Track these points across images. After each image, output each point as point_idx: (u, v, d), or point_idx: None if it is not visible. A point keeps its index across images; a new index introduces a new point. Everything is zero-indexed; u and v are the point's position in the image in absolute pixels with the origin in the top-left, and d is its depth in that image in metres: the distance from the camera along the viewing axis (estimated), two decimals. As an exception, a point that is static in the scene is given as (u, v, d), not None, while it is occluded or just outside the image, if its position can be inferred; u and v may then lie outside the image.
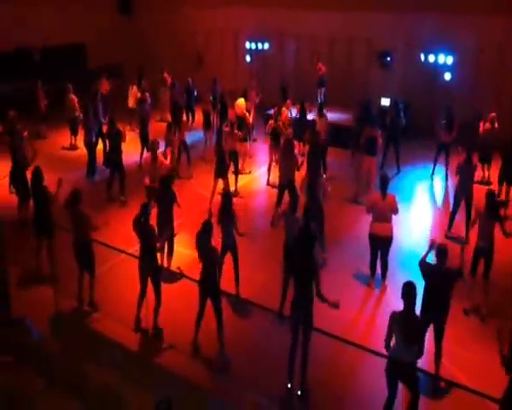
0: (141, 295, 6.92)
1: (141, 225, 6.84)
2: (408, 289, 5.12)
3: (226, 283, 7.35)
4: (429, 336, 6.02)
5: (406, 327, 5.08)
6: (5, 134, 10.50)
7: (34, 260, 8.08)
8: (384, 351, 5.29)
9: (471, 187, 9.30)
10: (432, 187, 12.18)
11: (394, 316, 5.22)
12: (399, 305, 5.18)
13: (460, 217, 9.50)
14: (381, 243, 7.80)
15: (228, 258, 7.58)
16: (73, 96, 13.90)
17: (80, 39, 19.17)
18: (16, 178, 9.92)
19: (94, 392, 4.73)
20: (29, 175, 9.37)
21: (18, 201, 9.75)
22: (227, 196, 7.78)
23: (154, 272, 6.91)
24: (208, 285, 6.46)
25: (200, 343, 6.58)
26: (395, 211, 7.72)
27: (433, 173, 12.39)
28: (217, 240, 7.12)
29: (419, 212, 10.93)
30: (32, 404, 3.99)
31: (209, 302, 6.51)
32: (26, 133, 10.62)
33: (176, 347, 6.61)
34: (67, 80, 14.35)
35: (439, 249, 6.02)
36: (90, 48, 19.74)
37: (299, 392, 5.95)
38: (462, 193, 9.29)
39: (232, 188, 10.82)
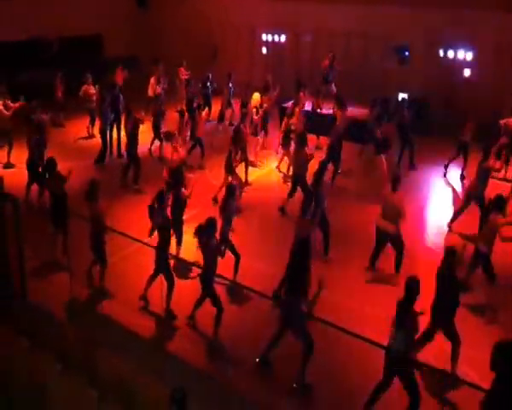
0: (152, 276, 7.08)
1: (156, 212, 6.88)
2: (408, 282, 5.31)
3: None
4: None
5: (399, 317, 5.25)
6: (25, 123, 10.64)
7: (50, 248, 8.17)
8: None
9: (484, 187, 9.14)
10: (446, 185, 12.03)
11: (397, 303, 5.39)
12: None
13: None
14: (386, 238, 7.82)
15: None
16: (90, 87, 13.98)
17: (97, 30, 19.25)
18: (32, 166, 10.03)
19: (108, 379, 4.75)
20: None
21: (27, 182, 9.87)
22: (230, 189, 7.80)
23: (166, 260, 7.00)
24: (205, 281, 6.58)
25: (208, 338, 6.65)
26: (401, 213, 7.66)
27: (445, 171, 12.23)
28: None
29: (433, 210, 10.79)
30: (49, 388, 4.02)
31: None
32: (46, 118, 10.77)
33: (189, 338, 6.63)
34: (84, 70, 14.44)
35: (448, 252, 6.02)
36: (106, 38, 19.82)
37: (294, 385, 5.98)
38: (474, 192, 9.16)
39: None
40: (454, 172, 12.31)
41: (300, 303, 5.79)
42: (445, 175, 12.31)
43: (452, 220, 9.57)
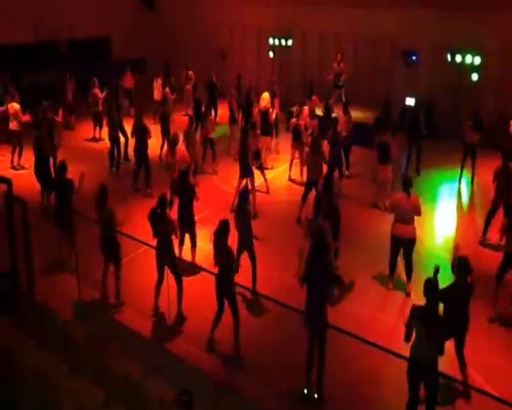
0: (158, 285, 7.04)
1: (157, 217, 6.89)
2: (429, 285, 5.14)
3: (247, 280, 7.35)
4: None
5: (426, 323, 5.04)
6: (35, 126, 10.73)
7: (57, 250, 8.22)
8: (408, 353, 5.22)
9: (509, 192, 8.91)
10: (458, 190, 11.91)
11: (414, 311, 5.19)
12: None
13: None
14: (404, 245, 7.65)
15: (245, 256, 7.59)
16: (97, 91, 14.07)
17: (105, 33, 19.39)
18: (40, 168, 10.07)
19: (115, 380, 4.76)
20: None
21: (41, 190, 9.90)
22: (243, 194, 7.77)
23: (172, 264, 6.97)
24: (222, 285, 6.46)
25: (216, 340, 6.59)
26: (418, 212, 7.58)
27: (460, 177, 12.06)
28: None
29: (444, 215, 10.70)
30: (58, 387, 4.04)
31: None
32: (59, 118, 10.80)
33: (195, 341, 6.64)
34: (92, 73, 14.55)
35: (461, 262, 5.84)
36: (114, 41, 19.95)
37: (315, 395, 5.88)
38: (501, 199, 8.98)
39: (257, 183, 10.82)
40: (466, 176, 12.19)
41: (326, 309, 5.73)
42: (460, 179, 12.12)
43: (485, 232, 9.25)
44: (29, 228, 6.41)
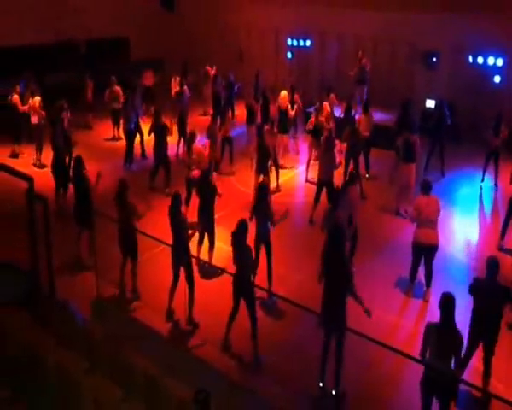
0: (173, 286, 7.04)
1: (172, 216, 6.90)
2: (445, 301, 4.96)
3: (263, 280, 7.33)
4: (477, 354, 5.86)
5: (441, 340, 4.89)
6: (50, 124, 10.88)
7: (75, 248, 8.31)
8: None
9: None
10: (480, 194, 11.70)
11: (430, 327, 5.05)
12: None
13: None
14: (427, 251, 7.51)
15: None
16: (118, 88, 14.19)
17: (124, 33, 19.56)
18: (56, 166, 10.19)
19: (133, 378, 4.79)
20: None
21: (55, 190, 10.00)
22: (262, 187, 7.74)
23: (186, 263, 6.97)
24: (242, 285, 6.42)
25: (231, 340, 6.58)
26: (438, 214, 7.46)
27: (482, 180, 11.85)
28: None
29: (465, 220, 10.50)
30: (77, 384, 4.07)
31: (243, 301, 6.49)
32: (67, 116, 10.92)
33: (213, 341, 6.65)
34: (111, 73, 14.69)
35: (489, 262, 5.73)
36: (132, 41, 20.11)
37: (333, 392, 5.86)
38: None
39: (273, 184, 10.79)
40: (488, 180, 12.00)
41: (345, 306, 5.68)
42: (482, 183, 11.90)
43: (502, 236, 9.08)
44: (50, 226, 6.48)
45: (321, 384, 5.94)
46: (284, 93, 12.91)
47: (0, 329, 4.64)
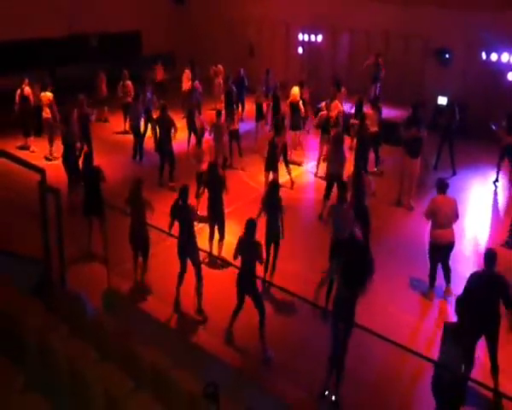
0: (179, 278, 7.09)
1: (179, 208, 6.92)
2: (461, 303, 5.03)
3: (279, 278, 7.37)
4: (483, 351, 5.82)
5: (458, 341, 4.87)
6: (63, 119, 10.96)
7: (86, 240, 8.38)
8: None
9: None
10: (494, 192, 11.60)
11: (447, 327, 5.06)
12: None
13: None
14: (444, 251, 7.47)
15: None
16: (129, 82, 14.25)
17: (136, 27, 19.61)
18: (68, 159, 10.26)
19: (143, 370, 4.83)
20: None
21: (68, 184, 10.07)
22: (274, 185, 7.77)
23: (194, 256, 6.99)
24: (245, 282, 6.44)
25: (239, 335, 6.63)
26: (456, 216, 7.38)
27: (496, 180, 11.73)
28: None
29: (477, 217, 10.42)
30: (88, 374, 4.12)
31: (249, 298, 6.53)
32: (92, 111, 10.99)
33: (220, 334, 6.69)
34: (122, 67, 14.75)
35: (487, 254, 5.76)
36: (144, 36, 20.16)
37: (333, 397, 5.81)
38: None
39: (282, 179, 10.78)
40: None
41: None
42: (496, 181, 11.79)
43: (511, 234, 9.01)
44: (62, 217, 6.54)
45: (326, 393, 5.87)
46: (296, 89, 12.88)
47: (14, 317, 4.70)
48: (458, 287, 5.50)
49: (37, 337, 4.48)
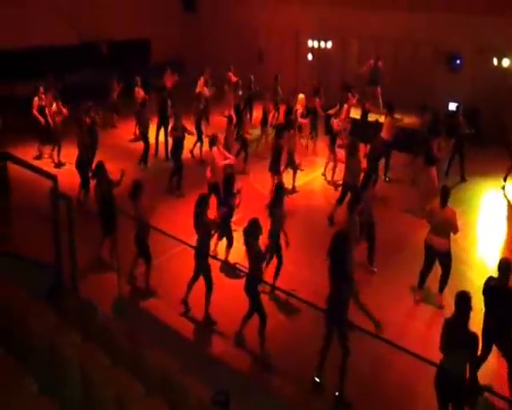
0: (192, 280, 7.14)
1: (196, 216, 6.97)
2: (460, 298, 4.98)
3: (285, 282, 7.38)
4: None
5: (453, 337, 4.90)
6: (75, 124, 11.06)
7: (97, 245, 8.43)
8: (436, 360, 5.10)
9: None
10: (504, 199, 11.49)
11: (446, 322, 5.10)
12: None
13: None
14: (437, 256, 7.44)
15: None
16: (139, 89, 14.37)
17: (146, 35, 19.79)
18: (81, 164, 10.36)
19: (153, 375, 4.85)
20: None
21: (80, 186, 10.15)
22: (279, 187, 7.80)
23: (206, 269, 7.07)
24: (249, 283, 6.50)
25: (246, 340, 6.65)
26: (454, 228, 7.26)
27: (505, 180, 11.65)
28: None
29: (485, 225, 10.35)
30: (99, 379, 4.15)
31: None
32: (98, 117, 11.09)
33: (229, 339, 6.69)
34: (132, 74, 14.88)
35: (501, 263, 5.73)
36: (154, 43, 20.33)
37: (336, 393, 5.86)
38: None
39: (288, 184, 10.82)
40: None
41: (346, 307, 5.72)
42: (504, 187, 11.73)
43: None
44: (73, 224, 6.61)
45: (317, 380, 6.00)
46: (302, 96, 12.90)
47: (26, 321, 4.75)
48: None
49: (48, 342, 4.51)
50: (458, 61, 15.20)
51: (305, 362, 6.35)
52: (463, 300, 4.94)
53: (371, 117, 13.19)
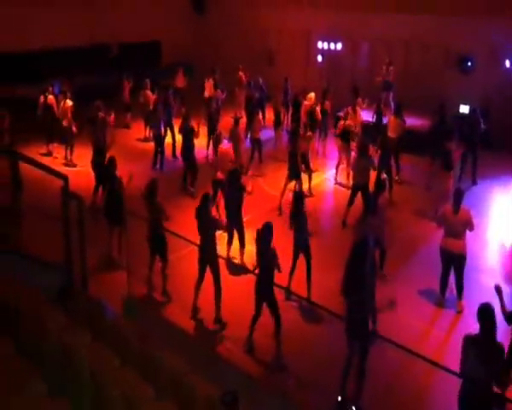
0: (197, 284, 7.10)
1: (200, 216, 6.93)
2: (483, 312, 4.76)
3: (297, 285, 7.30)
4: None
5: (481, 353, 4.67)
6: (88, 122, 11.11)
7: (107, 245, 8.45)
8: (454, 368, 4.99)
9: None
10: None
11: (468, 340, 4.83)
12: (476, 327, 4.86)
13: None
14: (454, 260, 7.34)
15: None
16: (148, 92, 14.45)
17: (156, 37, 19.90)
18: (96, 163, 10.40)
19: (162, 376, 4.83)
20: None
21: (95, 186, 10.21)
22: (298, 196, 7.73)
23: (213, 264, 7.00)
24: (263, 290, 6.41)
25: (257, 341, 6.58)
26: (470, 226, 7.19)
27: None
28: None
29: (497, 228, 10.23)
30: (109, 380, 4.14)
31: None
32: (111, 118, 11.15)
33: (239, 342, 6.66)
34: (142, 76, 14.95)
35: None
36: (164, 45, 20.42)
37: (353, 407, 5.73)
38: None
39: (305, 186, 10.76)
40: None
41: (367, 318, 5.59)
42: None
43: None
44: (84, 224, 6.62)
45: (339, 398, 5.80)
46: (312, 95, 12.82)
47: (37, 322, 4.76)
48: (480, 298, 5.33)
49: (59, 342, 4.52)
50: (469, 64, 15.07)
51: (316, 364, 6.30)
52: (487, 314, 4.73)
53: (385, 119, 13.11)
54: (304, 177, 10.78)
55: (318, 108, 12.76)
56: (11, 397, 3.69)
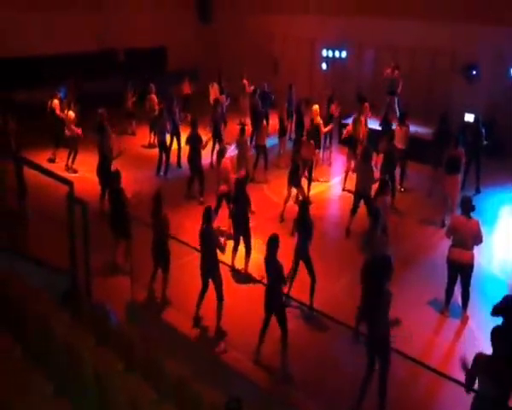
0: (200, 295, 7.11)
1: (202, 229, 6.95)
2: (498, 332, 4.72)
3: (299, 292, 7.29)
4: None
5: (493, 376, 4.57)
6: (94, 131, 11.15)
7: (112, 252, 8.46)
8: (460, 378, 4.93)
9: None
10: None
11: (479, 361, 4.74)
12: (480, 337, 4.82)
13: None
14: (461, 270, 7.28)
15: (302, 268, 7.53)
16: (154, 97, 14.48)
17: (162, 43, 20.04)
18: (102, 171, 10.44)
19: (166, 381, 4.82)
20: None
21: (100, 193, 10.23)
22: (304, 206, 7.73)
23: (215, 277, 7.01)
24: (272, 301, 6.38)
25: (262, 352, 6.55)
26: (478, 239, 7.14)
27: None
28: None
29: (501, 238, 10.16)
30: (113, 384, 4.14)
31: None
32: (112, 132, 11.21)
33: (244, 349, 6.64)
34: (148, 82, 15.02)
35: None
36: (170, 51, 20.55)
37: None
38: None
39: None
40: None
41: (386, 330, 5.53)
42: None
43: None
44: (89, 229, 6.64)
45: None
46: (316, 107, 12.86)
47: (43, 324, 4.77)
48: (485, 307, 5.29)
49: (64, 344, 4.53)
50: (474, 72, 15.07)
51: (324, 376, 6.26)
52: (501, 335, 4.67)
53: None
54: (304, 183, 10.80)
55: (322, 126, 12.61)
56: (16, 398, 3.70)
